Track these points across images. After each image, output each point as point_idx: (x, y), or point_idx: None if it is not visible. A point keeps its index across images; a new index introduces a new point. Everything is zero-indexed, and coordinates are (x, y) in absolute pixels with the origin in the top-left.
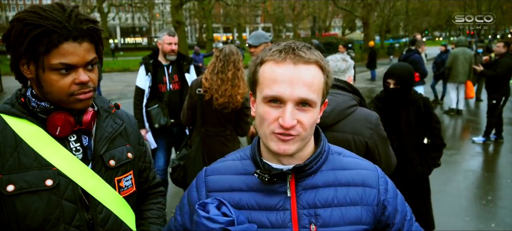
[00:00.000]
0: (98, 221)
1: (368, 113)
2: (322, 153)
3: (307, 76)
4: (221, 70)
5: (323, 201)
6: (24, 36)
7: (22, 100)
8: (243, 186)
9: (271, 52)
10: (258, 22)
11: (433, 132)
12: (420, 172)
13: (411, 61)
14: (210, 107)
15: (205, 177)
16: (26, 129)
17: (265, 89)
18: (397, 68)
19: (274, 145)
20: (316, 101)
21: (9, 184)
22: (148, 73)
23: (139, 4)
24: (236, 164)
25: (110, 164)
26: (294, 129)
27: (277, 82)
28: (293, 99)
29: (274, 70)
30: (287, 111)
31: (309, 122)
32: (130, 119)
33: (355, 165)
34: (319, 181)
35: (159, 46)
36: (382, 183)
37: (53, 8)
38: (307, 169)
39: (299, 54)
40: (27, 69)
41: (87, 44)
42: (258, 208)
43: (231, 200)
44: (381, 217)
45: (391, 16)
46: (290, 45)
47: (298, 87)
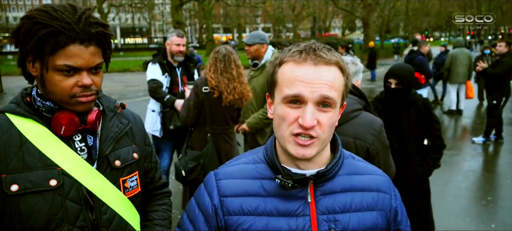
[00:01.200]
0: (103, 222)
1: (372, 119)
2: (341, 158)
3: (328, 77)
4: (225, 69)
5: (341, 206)
6: (32, 34)
7: (28, 99)
8: (260, 191)
9: (291, 53)
10: (258, 23)
11: (433, 133)
12: (420, 173)
13: (416, 63)
14: (217, 105)
15: (216, 181)
16: (31, 129)
17: (285, 90)
18: (399, 68)
19: (293, 149)
20: (336, 101)
21: (13, 183)
22: (164, 74)
23: (139, 5)
24: (250, 167)
25: (116, 164)
26: (313, 130)
27: (297, 82)
28: (314, 98)
29: (294, 70)
30: (308, 110)
31: (328, 123)
32: (136, 119)
33: (368, 170)
34: (337, 186)
35: (168, 46)
36: (393, 189)
37: (65, 8)
38: (328, 174)
39: (320, 55)
40: (32, 67)
41: (94, 48)
42: (277, 214)
43: (247, 205)
44: (393, 222)
45: (391, 16)
46: (310, 46)
47: (318, 87)
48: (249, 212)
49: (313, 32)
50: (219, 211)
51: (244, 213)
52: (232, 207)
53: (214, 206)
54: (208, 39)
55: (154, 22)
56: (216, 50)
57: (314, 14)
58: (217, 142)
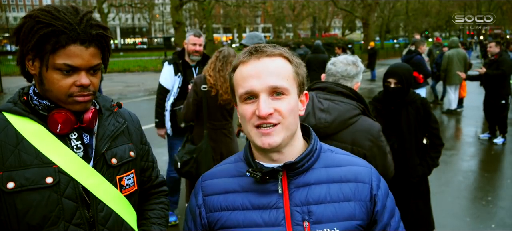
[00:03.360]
0: (99, 219)
1: (370, 124)
2: (313, 151)
3: (273, 66)
4: (221, 68)
5: (316, 197)
6: (34, 33)
7: (25, 98)
8: (237, 188)
9: (239, 57)
10: (258, 23)
11: (432, 132)
12: (420, 172)
13: (413, 63)
14: (214, 102)
15: (201, 182)
16: (28, 127)
17: (239, 90)
18: (398, 68)
19: (258, 140)
20: (288, 88)
21: (10, 181)
22: (177, 74)
23: (139, 5)
24: (229, 167)
25: (112, 162)
26: (272, 117)
27: (246, 79)
28: (264, 89)
29: (242, 70)
30: (261, 100)
31: (286, 109)
32: (132, 118)
33: (348, 162)
34: (311, 179)
35: (185, 46)
36: (375, 179)
37: (67, 10)
38: (299, 167)
39: (262, 50)
40: (31, 65)
41: (94, 49)
42: (251, 207)
43: (225, 202)
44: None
45: (391, 16)
46: (254, 46)
47: (266, 78)
48: (227, 207)
49: (313, 32)
50: (202, 210)
51: (222, 209)
52: (213, 204)
53: (198, 206)
54: (208, 39)
55: (154, 23)
56: (219, 50)
57: (314, 14)
58: (217, 136)
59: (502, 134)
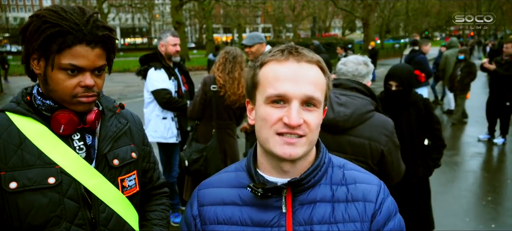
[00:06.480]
0: (101, 220)
1: (385, 120)
2: (320, 166)
3: (311, 75)
4: (231, 70)
5: (320, 217)
6: (40, 32)
7: (28, 98)
8: (236, 200)
9: (272, 53)
10: (258, 23)
11: (433, 133)
12: (421, 173)
13: (416, 62)
14: (222, 102)
15: (198, 191)
16: (31, 127)
17: (268, 89)
18: (399, 70)
19: (279, 149)
20: (321, 101)
21: (12, 181)
22: (171, 78)
23: (139, 5)
24: (229, 175)
25: (114, 163)
26: (300, 129)
27: (281, 80)
28: (299, 96)
29: (277, 69)
30: (293, 108)
31: (315, 123)
32: (134, 119)
33: (357, 179)
34: (317, 196)
35: (163, 48)
36: (382, 194)
37: (74, 10)
38: (305, 183)
39: (302, 53)
40: (36, 65)
41: (99, 50)
42: (251, 224)
43: (222, 214)
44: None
45: (391, 16)
46: (291, 45)
47: (303, 85)
48: (224, 221)
49: (313, 32)
50: (197, 221)
51: (219, 222)
52: (208, 216)
53: (193, 216)
54: (208, 39)
55: (154, 23)
56: (227, 50)
57: (314, 14)
58: (221, 135)
59: (503, 134)
